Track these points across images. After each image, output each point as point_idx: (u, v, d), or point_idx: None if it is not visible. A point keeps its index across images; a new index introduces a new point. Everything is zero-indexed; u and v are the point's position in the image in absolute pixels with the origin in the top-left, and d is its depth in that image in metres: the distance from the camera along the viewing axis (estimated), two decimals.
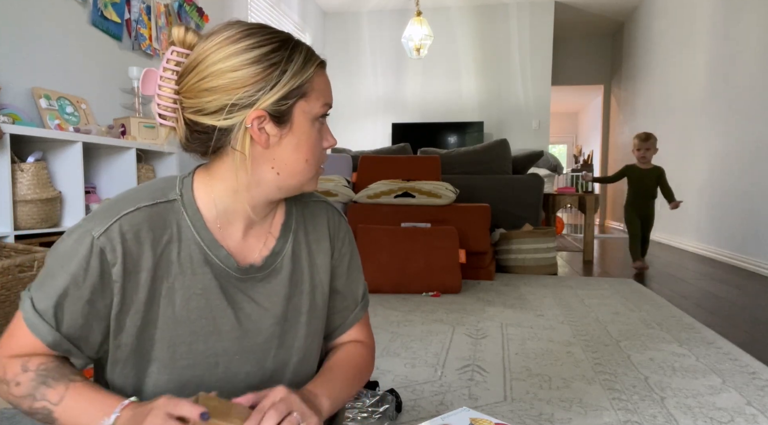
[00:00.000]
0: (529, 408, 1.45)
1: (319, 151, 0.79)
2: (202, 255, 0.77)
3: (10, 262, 1.81)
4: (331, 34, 7.47)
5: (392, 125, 7.22)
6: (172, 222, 0.76)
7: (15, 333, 0.74)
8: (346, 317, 0.94)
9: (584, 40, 8.67)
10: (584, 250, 4.51)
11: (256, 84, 0.71)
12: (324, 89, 0.78)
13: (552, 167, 6.09)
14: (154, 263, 0.74)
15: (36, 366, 0.72)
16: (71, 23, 2.98)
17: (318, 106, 0.76)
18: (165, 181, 0.80)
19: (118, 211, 0.74)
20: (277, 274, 0.83)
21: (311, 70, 0.75)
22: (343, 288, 0.93)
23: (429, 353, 1.93)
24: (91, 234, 0.71)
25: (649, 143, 4.03)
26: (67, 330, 0.72)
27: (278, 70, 0.72)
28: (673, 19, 5.94)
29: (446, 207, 3.34)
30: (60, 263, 0.72)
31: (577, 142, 12.40)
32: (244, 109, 0.72)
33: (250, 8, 5.29)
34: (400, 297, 2.90)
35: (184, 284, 0.76)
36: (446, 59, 7.20)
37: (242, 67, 0.71)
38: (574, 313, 2.55)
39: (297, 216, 0.88)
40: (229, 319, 0.79)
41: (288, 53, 0.73)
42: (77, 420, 0.69)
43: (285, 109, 0.74)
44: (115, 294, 0.73)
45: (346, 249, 0.93)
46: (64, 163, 2.51)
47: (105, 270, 0.71)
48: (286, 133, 0.75)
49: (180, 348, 0.76)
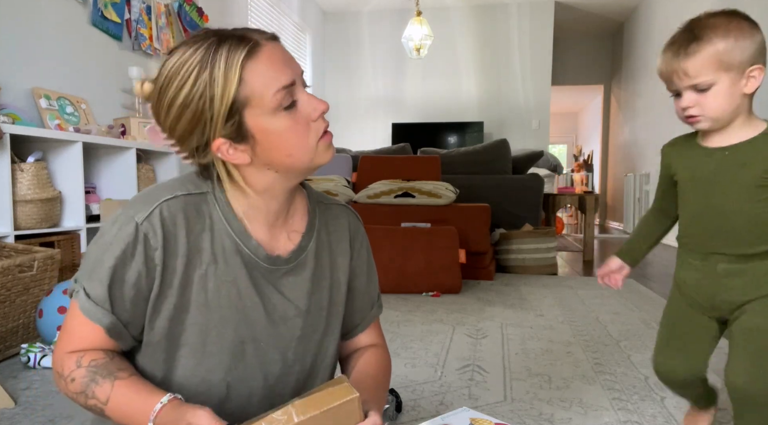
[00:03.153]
0: (529, 408, 1.45)
1: (300, 136, 0.75)
2: (233, 244, 0.79)
3: (10, 262, 1.81)
4: (331, 34, 7.47)
5: (392, 125, 7.22)
6: (205, 212, 0.79)
7: (71, 327, 0.76)
8: (364, 316, 0.98)
9: (584, 40, 8.66)
10: (584, 250, 4.52)
11: (199, 124, 0.72)
12: (265, 80, 0.71)
13: (552, 167, 6.09)
14: (188, 249, 0.77)
15: (87, 363, 0.74)
16: (71, 23, 2.98)
17: (268, 99, 0.71)
18: (197, 175, 0.83)
19: (158, 197, 0.76)
20: (302, 269, 0.86)
21: (237, 73, 0.70)
22: (363, 287, 0.96)
23: (429, 353, 1.93)
24: (134, 220, 0.74)
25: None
26: (119, 314, 0.75)
27: (206, 101, 0.70)
28: (673, 19, 5.94)
29: (446, 207, 3.34)
30: (107, 250, 0.74)
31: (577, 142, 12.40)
32: (206, 147, 0.75)
33: (250, 8, 5.29)
34: (400, 297, 2.90)
35: (216, 272, 0.78)
36: (446, 59, 7.19)
37: (180, 117, 0.73)
38: (574, 313, 2.55)
39: (320, 217, 0.91)
40: (257, 308, 0.81)
41: (209, 73, 0.70)
42: (125, 419, 0.72)
43: (236, 127, 0.72)
44: (156, 277, 0.75)
45: (364, 250, 0.97)
46: (64, 163, 2.51)
47: (149, 254, 0.74)
48: (254, 144, 0.74)
49: (210, 334, 0.79)
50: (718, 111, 0.99)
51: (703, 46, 0.96)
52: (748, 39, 0.96)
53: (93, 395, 0.72)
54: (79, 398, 0.73)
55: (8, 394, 1.46)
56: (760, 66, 0.97)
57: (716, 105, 0.98)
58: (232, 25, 0.77)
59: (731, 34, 0.95)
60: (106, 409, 0.72)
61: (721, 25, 0.97)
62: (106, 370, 0.74)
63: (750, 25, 0.97)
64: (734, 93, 0.98)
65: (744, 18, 0.98)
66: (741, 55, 0.95)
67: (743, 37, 0.96)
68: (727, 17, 0.98)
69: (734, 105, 0.99)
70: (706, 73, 0.97)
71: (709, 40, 0.96)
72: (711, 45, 0.96)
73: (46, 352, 1.76)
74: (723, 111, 0.99)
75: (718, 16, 0.99)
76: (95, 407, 0.73)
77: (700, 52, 0.97)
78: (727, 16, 0.98)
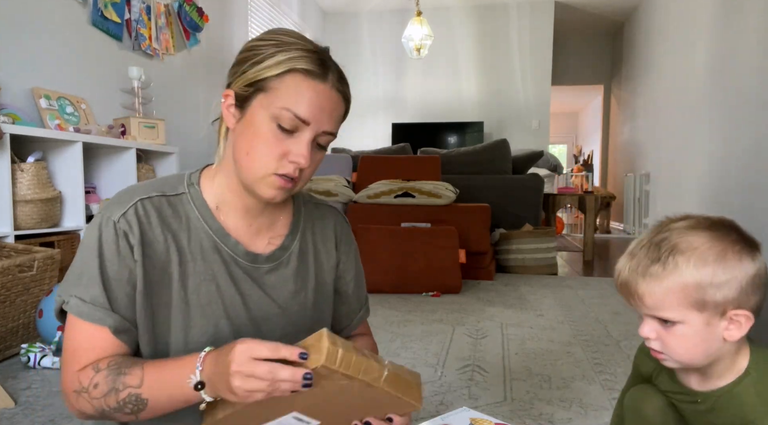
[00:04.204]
0: (529, 408, 1.44)
1: (267, 151, 0.74)
2: (211, 242, 0.80)
3: (10, 262, 1.81)
4: (331, 34, 7.46)
5: (392, 125, 7.22)
6: (182, 213, 0.80)
7: (75, 342, 0.74)
8: (352, 319, 0.99)
9: (584, 40, 8.66)
10: (584, 250, 4.52)
11: (238, 65, 0.78)
12: (291, 95, 0.73)
13: (552, 167, 6.09)
14: (166, 248, 0.77)
15: (106, 364, 0.73)
16: (71, 23, 2.98)
17: (276, 107, 0.73)
18: (174, 177, 0.84)
19: (132, 196, 0.77)
20: (284, 268, 0.86)
21: (281, 70, 0.74)
22: (351, 291, 0.97)
23: (429, 353, 1.93)
24: (111, 219, 0.75)
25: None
26: (121, 311, 0.75)
27: (252, 60, 0.76)
28: (673, 19, 5.94)
29: (446, 207, 3.34)
30: (90, 253, 0.74)
31: (577, 142, 12.40)
32: (227, 88, 0.79)
33: (250, 8, 5.29)
34: (400, 297, 2.90)
35: (195, 270, 0.79)
36: (446, 59, 7.19)
37: (239, 55, 0.79)
38: (574, 313, 2.55)
39: (305, 217, 0.91)
40: (238, 305, 0.81)
41: (275, 51, 0.75)
42: (165, 391, 0.70)
43: (246, 95, 0.76)
44: (138, 274, 0.75)
45: (352, 253, 0.97)
46: (64, 163, 2.51)
47: (131, 249, 0.75)
48: (240, 119, 0.77)
49: (192, 332, 0.79)
50: (685, 356, 0.73)
51: (668, 274, 0.70)
52: (735, 272, 0.68)
53: (124, 384, 0.71)
54: (109, 399, 0.71)
55: (8, 394, 1.46)
56: (747, 313, 0.70)
57: (682, 349, 0.72)
58: (231, 25, 0.79)
59: (709, 265, 0.68)
60: (143, 391, 0.70)
61: (699, 249, 0.69)
62: (130, 361, 0.73)
63: (740, 252, 0.69)
64: (709, 338, 0.71)
65: (736, 240, 0.70)
66: (720, 294, 0.69)
67: (727, 270, 0.68)
68: (710, 236, 0.70)
69: (709, 351, 0.72)
70: (670, 309, 0.71)
71: (676, 268, 0.69)
72: (678, 275, 0.69)
73: (46, 352, 1.76)
74: (691, 357, 0.73)
75: (700, 233, 0.70)
76: (129, 397, 0.70)
77: (661, 280, 0.70)
78: (712, 235, 0.70)
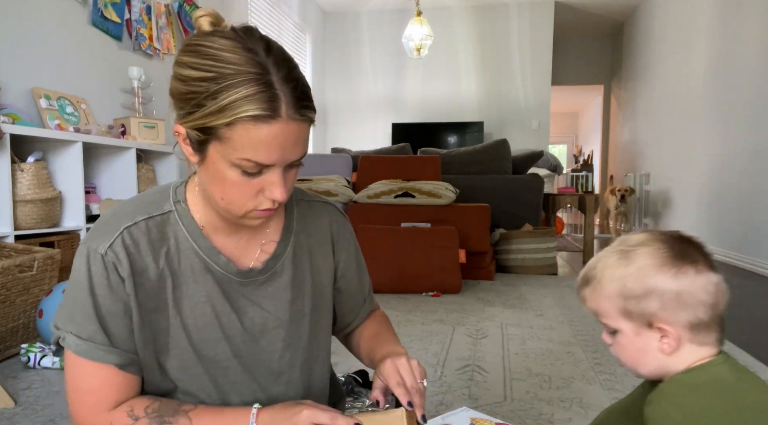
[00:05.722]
0: (529, 408, 1.44)
1: (240, 194, 0.70)
2: (201, 263, 0.78)
3: (10, 262, 1.81)
4: (331, 34, 7.46)
5: (392, 125, 7.22)
6: (170, 234, 0.77)
7: (81, 381, 0.72)
8: (357, 313, 0.98)
9: (584, 40, 8.66)
10: (584, 250, 4.51)
11: (181, 101, 0.68)
12: (246, 146, 0.65)
13: (552, 167, 6.09)
14: (158, 274, 0.75)
15: (143, 412, 0.71)
16: (71, 23, 2.98)
17: (236, 158, 0.66)
18: (159, 193, 0.80)
19: (118, 224, 0.74)
20: (279, 277, 0.83)
21: (227, 120, 0.64)
22: (353, 288, 0.95)
23: (429, 353, 1.93)
24: (98, 252, 0.72)
25: None
26: (121, 345, 0.73)
27: (194, 102, 0.66)
28: (673, 19, 5.94)
29: (446, 207, 3.34)
30: (82, 289, 0.72)
31: (577, 142, 12.40)
32: (176, 121, 0.70)
33: (250, 8, 5.29)
34: (400, 297, 2.90)
35: (188, 293, 0.77)
36: (446, 59, 7.19)
37: (177, 80, 0.68)
38: (574, 313, 2.55)
39: (298, 218, 0.87)
40: (235, 324, 0.80)
41: (215, 89, 0.64)
42: None
43: (201, 140, 0.67)
44: (132, 306, 0.74)
45: (352, 249, 0.94)
46: (64, 163, 2.51)
47: (122, 282, 0.73)
48: (202, 161, 0.70)
49: (191, 356, 0.78)
50: (629, 364, 0.74)
51: (598, 281, 0.73)
52: (656, 286, 0.69)
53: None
54: None
55: (8, 394, 1.46)
56: (673, 328, 0.69)
57: (623, 357, 0.74)
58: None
59: (630, 277, 0.70)
60: None
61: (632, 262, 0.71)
62: (170, 409, 0.71)
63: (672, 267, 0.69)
64: (645, 349, 0.71)
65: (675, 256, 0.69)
66: (640, 306, 0.69)
67: (646, 283, 0.69)
68: (649, 252, 0.70)
69: (652, 363, 0.71)
70: (607, 315, 0.73)
71: (603, 276, 0.73)
72: (605, 282, 0.73)
73: (46, 352, 1.76)
74: (634, 365, 0.73)
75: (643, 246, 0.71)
76: None
77: (595, 287, 0.74)
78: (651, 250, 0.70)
